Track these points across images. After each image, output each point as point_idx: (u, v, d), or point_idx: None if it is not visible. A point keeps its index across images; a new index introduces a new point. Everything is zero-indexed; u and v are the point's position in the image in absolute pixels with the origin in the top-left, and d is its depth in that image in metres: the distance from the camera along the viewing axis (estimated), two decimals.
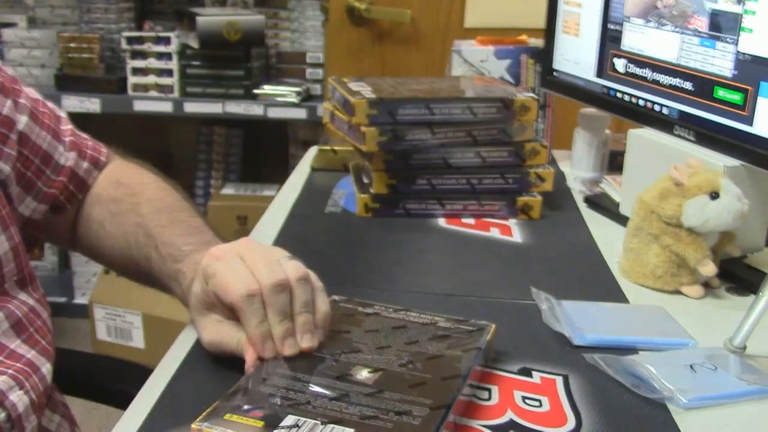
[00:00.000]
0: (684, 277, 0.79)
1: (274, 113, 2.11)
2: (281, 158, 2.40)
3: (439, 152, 0.96)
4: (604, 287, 0.81)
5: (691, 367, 0.63)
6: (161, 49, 2.14)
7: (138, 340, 2.05)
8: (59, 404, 0.74)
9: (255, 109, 2.11)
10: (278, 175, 1.82)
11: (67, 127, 0.79)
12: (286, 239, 0.91)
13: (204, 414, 0.49)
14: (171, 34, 2.14)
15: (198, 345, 0.64)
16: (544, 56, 1.17)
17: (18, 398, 0.61)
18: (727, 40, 0.82)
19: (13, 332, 0.65)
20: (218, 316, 0.61)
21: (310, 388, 0.52)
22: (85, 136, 0.81)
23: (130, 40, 2.14)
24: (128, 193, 0.78)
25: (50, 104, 0.78)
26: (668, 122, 0.92)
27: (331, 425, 0.48)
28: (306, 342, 0.57)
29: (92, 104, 2.11)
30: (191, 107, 2.12)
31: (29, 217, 0.76)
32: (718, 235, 0.79)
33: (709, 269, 0.77)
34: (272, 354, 0.57)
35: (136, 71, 2.14)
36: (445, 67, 1.33)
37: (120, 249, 0.75)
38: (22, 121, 0.72)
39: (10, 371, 0.62)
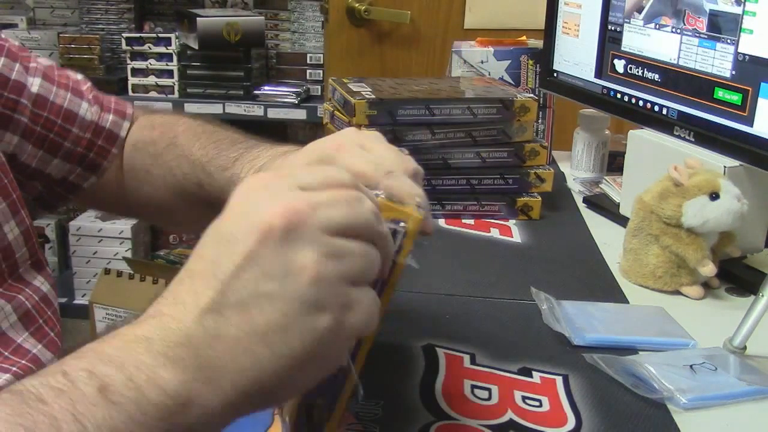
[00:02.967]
0: (684, 277, 0.79)
1: (274, 114, 2.12)
2: None
3: (439, 153, 0.96)
4: (604, 287, 0.81)
5: (690, 367, 0.63)
6: (161, 49, 2.14)
7: None
8: None
9: (255, 110, 2.11)
10: None
11: (87, 86, 0.77)
12: None
13: None
14: (171, 35, 2.14)
15: None
16: (543, 57, 1.17)
17: None
18: (727, 41, 0.82)
19: (21, 325, 0.64)
20: None
21: None
22: (107, 96, 0.80)
23: (130, 41, 2.14)
24: (164, 131, 0.76)
25: (66, 70, 0.77)
26: (668, 123, 0.92)
27: None
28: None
29: None
30: (191, 108, 2.12)
31: (69, 180, 0.75)
32: (717, 236, 0.79)
33: (708, 270, 0.77)
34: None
35: (136, 72, 2.15)
36: (444, 67, 1.33)
37: (171, 186, 0.73)
38: (36, 83, 0.70)
39: (14, 368, 0.62)
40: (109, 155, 0.76)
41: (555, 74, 1.14)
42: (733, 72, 0.82)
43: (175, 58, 2.14)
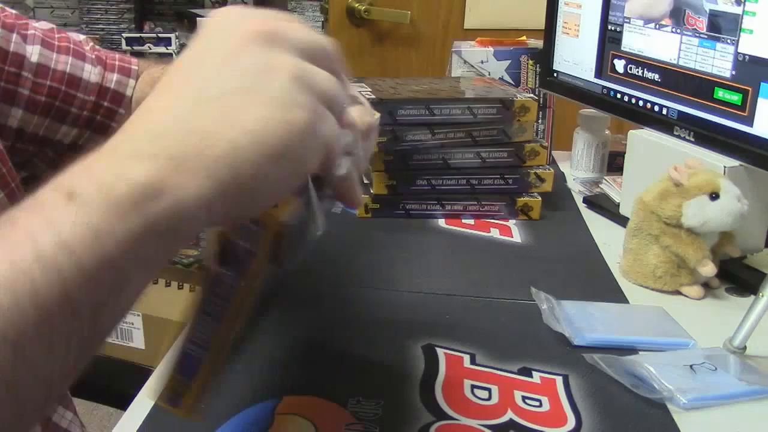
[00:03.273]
0: (684, 277, 0.79)
1: None
2: None
3: (439, 153, 0.96)
4: (604, 287, 0.81)
5: (690, 367, 0.63)
6: (161, 49, 2.15)
7: (138, 341, 2.05)
8: (71, 401, 0.73)
9: None
10: None
11: (89, 45, 0.76)
12: None
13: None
14: (171, 35, 2.15)
15: None
16: (543, 57, 1.17)
17: None
18: (727, 41, 0.82)
19: None
20: None
21: None
22: (111, 52, 0.79)
23: (130, 41, 2.14)
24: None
25: (67, 32, 0.75)
26: (668, 123, 0.92)
27: None
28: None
29: None
30: None
31: (79, 144, 0.74)
32: (717, 236, 0.79)
33: (708, 270, 0.77)
34: None
35: None
36: (444, 67, 1.33)
37: None
38: (35, 51, 0.69)
39: None
40: (116, 116, 0.75)
41: (555, 74, 1.14)
42: (733, 72, 0.82)
43: (175, 58, 2.14)
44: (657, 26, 0.93)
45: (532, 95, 0.98)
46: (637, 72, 0.97)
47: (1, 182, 0.64)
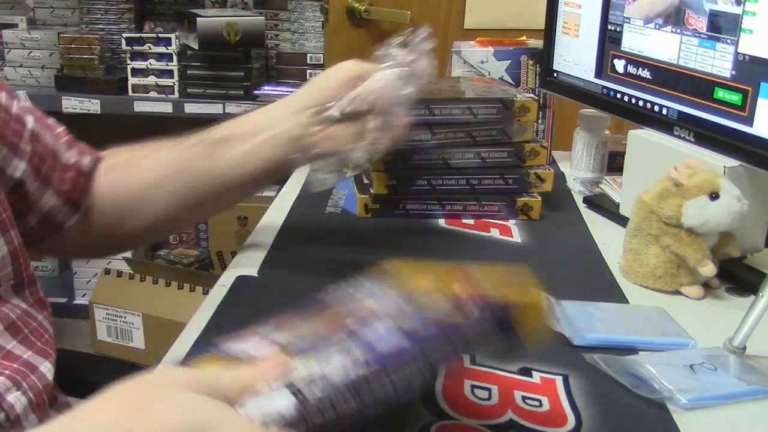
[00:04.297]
0: (684, 277, 0.79)
1: None
2: None
3: (439, 153, 0.96)
4: (604, 287, 0.81)
5: (690, 367, 0.63)
6: (161, 50, 2.14)
7: (138, 341, 2.05)
8: (64, 405, 0.74)
9: None
10: None
11: (60, 129, 0.80)
12: (286, 240, 0.91)
13: None
14: (171, 35, 2.14)
15: (197, 345, 0.64)
16: (543, 57, 1.17)
17: (15, 399, 0.61)
18: (727, 41, 0.82)
19: (9, 334, 0.65)
20: None
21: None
22: (75, 141, 0.83)
23: (130, 41, 2.14)
24: (142, 147, 0.82)
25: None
26: (668, 123, 0.92)
27: None
28: None
29: (92, 105, 2.11)
30: (191, 108, 2.12)
31: (57, 219, 0.76)
32: (717, 236, 0.79)
33: (708, 270, 0.77)
34: None
35: (136, 72, 2.14)
36: (444, 67, 1.33)
37: (168, 172, 0.80)
38: (30, 120, 0.74)
39: (6, 372, 0.62)
40: (87, 194, 0.79)
41: (555, 74, 1.14)
42: (733, 72, 0.82)
43: (175, 58, 2.14)
44: (657, 26, 0.93)
45: (532, 95, 0.98)
46: (637, 72, 0.97)
47: (0, 228, 0.65)
